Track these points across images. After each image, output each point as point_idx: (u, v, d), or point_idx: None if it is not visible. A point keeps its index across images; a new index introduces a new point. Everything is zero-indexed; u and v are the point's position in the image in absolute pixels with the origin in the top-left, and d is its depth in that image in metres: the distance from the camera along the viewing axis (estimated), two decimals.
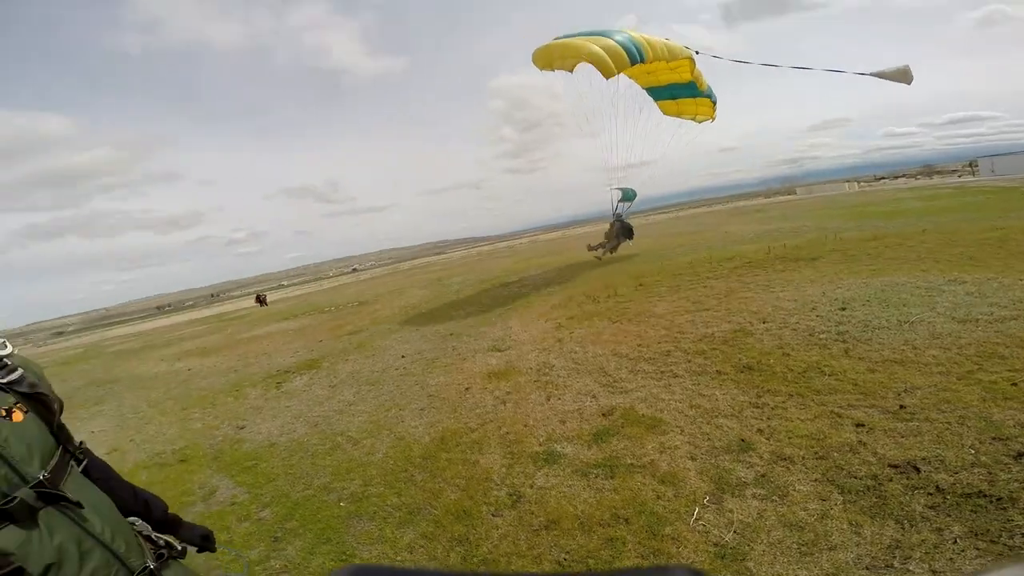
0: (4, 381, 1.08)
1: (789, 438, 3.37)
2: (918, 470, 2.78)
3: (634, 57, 10.48)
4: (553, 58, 11.31)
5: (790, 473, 3.00)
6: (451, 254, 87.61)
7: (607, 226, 17.31)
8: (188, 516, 3.90)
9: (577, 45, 10.63)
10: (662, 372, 5.02)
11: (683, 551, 2.54)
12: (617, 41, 10.48)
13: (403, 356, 7.92)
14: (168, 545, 1.33)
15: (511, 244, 63.98)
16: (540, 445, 3.96)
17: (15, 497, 0.94)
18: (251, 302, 37.70)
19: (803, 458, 3.12)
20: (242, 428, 5.87)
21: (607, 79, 10.56)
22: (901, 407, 3.45)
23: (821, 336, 5.12)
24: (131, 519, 1.29)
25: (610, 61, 10.15)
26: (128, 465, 5.35)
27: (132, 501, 1.35)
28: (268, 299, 34.90)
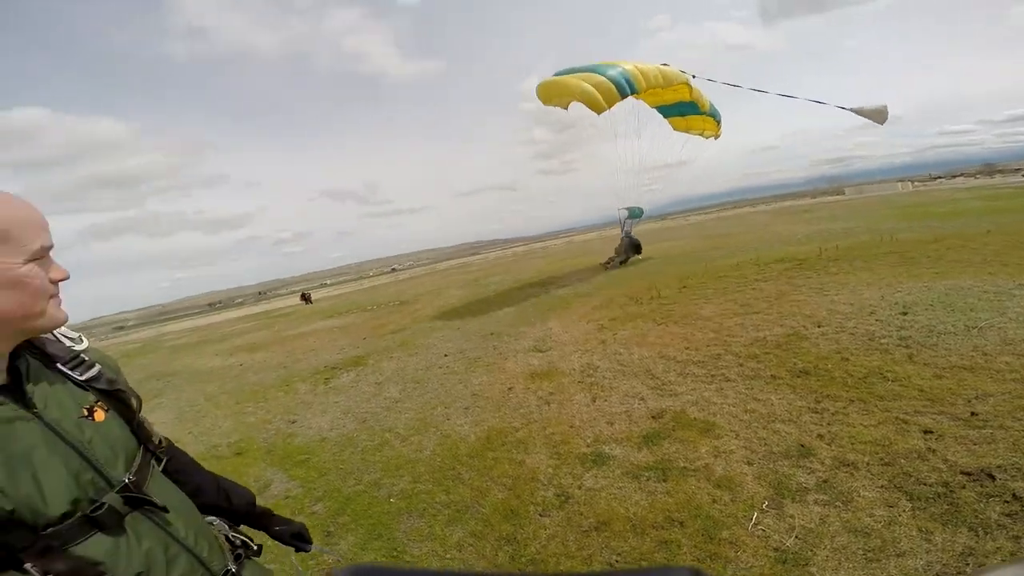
0: (83, 378, 1.02)
1: (852, 444, 3.25)
2: (993, 478, 2.64)
3: (624, 91, 11.18)
4: (550, 95, 12.18)
5: (854, 479, 2.90)
6: (486, 255, 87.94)
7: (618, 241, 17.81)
8: None
9: (569, 85, 11.36)
10: (713, 376, 4.92)
11: (741, 555, 2.49)
12: (608, 77, 11.11)
13: (446, 355, 8.04)
14: (244, 544, 1.27)
15: (546, 245, 63.80)
16: (587, 446, 3.95)
17: (103, 503, 0.89)
18: (296, 300, 38.95)
19: (868, 464, 3.01)
20: (293, 422, 6.07)
21: (598, 115, 11.27)
22: (972, 414, 3.28)
23: (882, 341, 4.91)
24: (209, 519, 1.23)
25: (600, 98, 10.90)
26: None
27: (214, 492, 1.29)
28: (312, 297, 36.01)
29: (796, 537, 2.54)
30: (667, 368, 5.39)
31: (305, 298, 34.86)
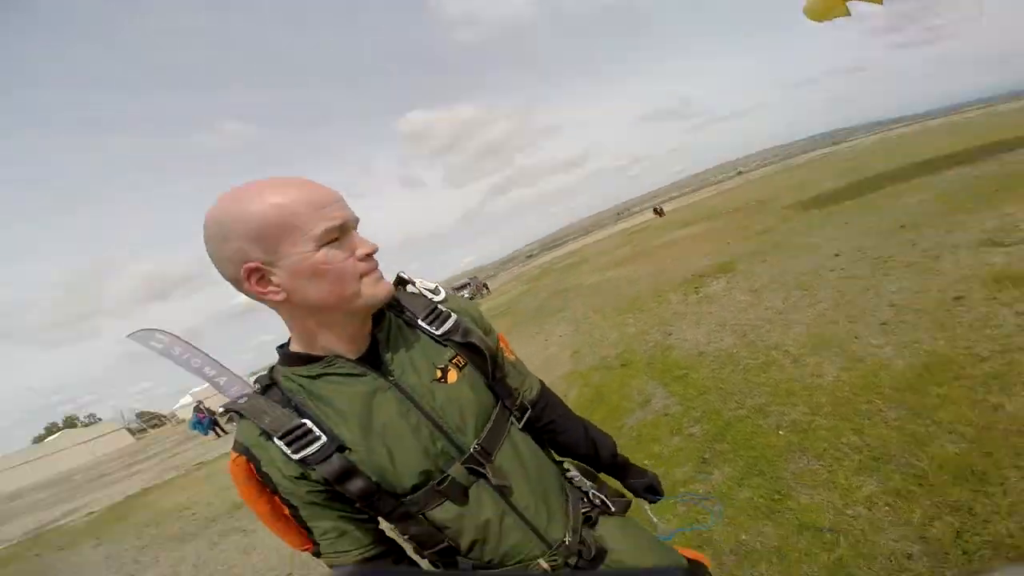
0: (439, 332, 0.96)
1: None
2: None
3: None
4: (819, 14, 10.08)
5: None
6: (854, 141, 69.24)
7: None
8: (627, 422, 4.09)
9: None
10: None
11: None
12: None
13: (837, 254, 6.56)
14: (603, 504, 1.14)
15: (949, 120, 43.47)
16: None
17: (448, 476, 0.88)
18: (649, 215, 40.30)
19: None
20: (669, 334, 6.06)
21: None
22: None
23: None
24: (572, 474, 1.15)
25: None
26: (584, 367, 6.29)
27: (582, 442, 1.21)
28: (664, 210, 36.48)
29: None
30: None
31: (657, 211, 35.65)
